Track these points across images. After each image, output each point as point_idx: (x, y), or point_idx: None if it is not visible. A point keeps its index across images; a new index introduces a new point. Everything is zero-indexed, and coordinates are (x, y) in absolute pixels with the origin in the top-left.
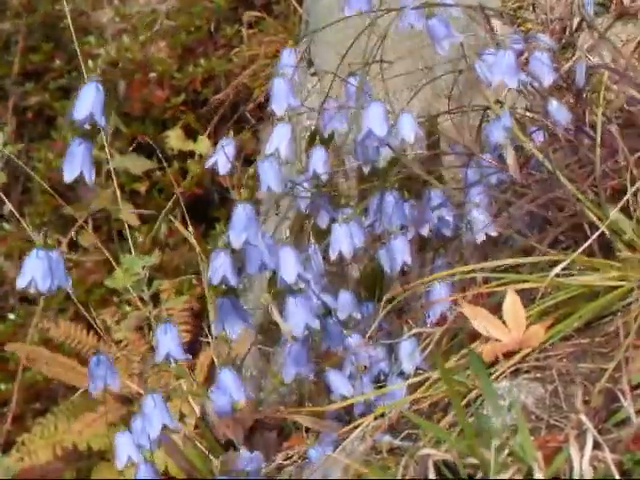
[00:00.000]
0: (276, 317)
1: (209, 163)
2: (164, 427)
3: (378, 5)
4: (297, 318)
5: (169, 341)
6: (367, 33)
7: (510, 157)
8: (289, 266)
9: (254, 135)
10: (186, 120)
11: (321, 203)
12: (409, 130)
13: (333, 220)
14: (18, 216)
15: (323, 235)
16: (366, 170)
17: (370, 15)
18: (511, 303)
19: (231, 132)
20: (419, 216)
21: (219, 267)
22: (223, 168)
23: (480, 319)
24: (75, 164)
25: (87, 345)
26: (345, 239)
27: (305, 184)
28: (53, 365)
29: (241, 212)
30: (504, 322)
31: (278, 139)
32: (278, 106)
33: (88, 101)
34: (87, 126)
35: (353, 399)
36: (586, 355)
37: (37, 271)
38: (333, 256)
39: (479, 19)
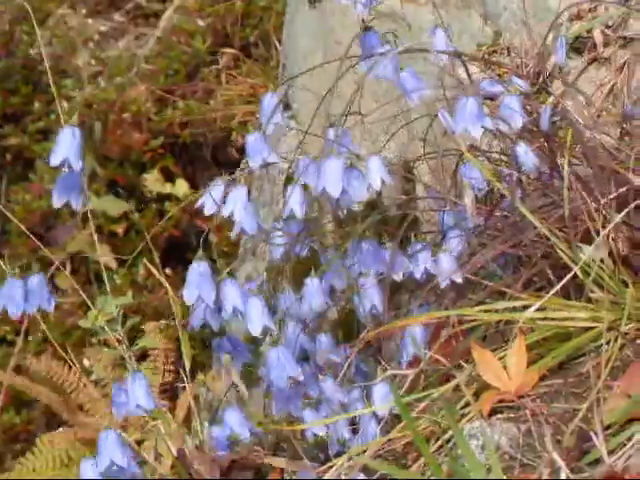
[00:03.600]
0: (235, 379)
1: (198, 203)
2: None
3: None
4: (281, 372)
5: (139, 391)
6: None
7: (468, 198)
8: (255, 318)
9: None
10: (164, 163)
11: (298, 249)
12: (376, 175)
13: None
14: None
15: (302, 277)
16: (342, 214)
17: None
18: (517, 349)
19: (222, 179)
20: (393, 261)
21: (197, 315)
22: (209, 209)
23: (486, 365)
24: (63, 191)
25: (68, 381)
26: (317, 294)
27: (281, 229)
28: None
29: (195, 269)
30: (505, 366)
31: (233, 202)
32: (253, 161)
33: (64, 146)
34: (65, 169)
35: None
36: (559, 395)
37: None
38: (305, 310)
39: (452, 66)
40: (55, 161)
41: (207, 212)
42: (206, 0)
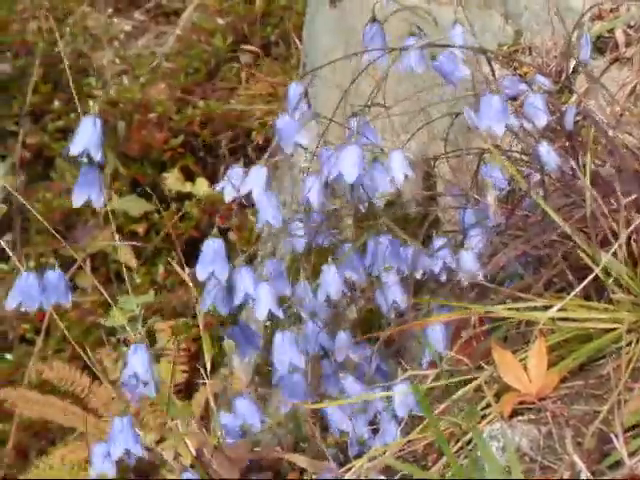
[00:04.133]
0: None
1: (217, 187)
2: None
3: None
4: (284, 356)
5: (137, 362)
6: (365, 75)
7: (490, 197)
8: (263, 303)
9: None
10: (184, 162)
11: (318, 240)
12: (399, 170)
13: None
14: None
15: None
16: (363, 209)
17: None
18: (537, 351)
19: (241, 161)
20: (414, 259)
21: (208, 296)
22: (229, 196)
23: (507, 366)
24: (83, 188)
25: (81, 386)
26: (334, 282)
27: (301, 222)
28: (45, 407)
29: (210, 246)
30: (525, 368)
31: (252, 181)
32: (286, 145)
33: (85, 136)
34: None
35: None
36: (580, 397)
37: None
38: (322, 298)
39: (477, 61)
40: (75, 150)
41: (227, 198)
42: None
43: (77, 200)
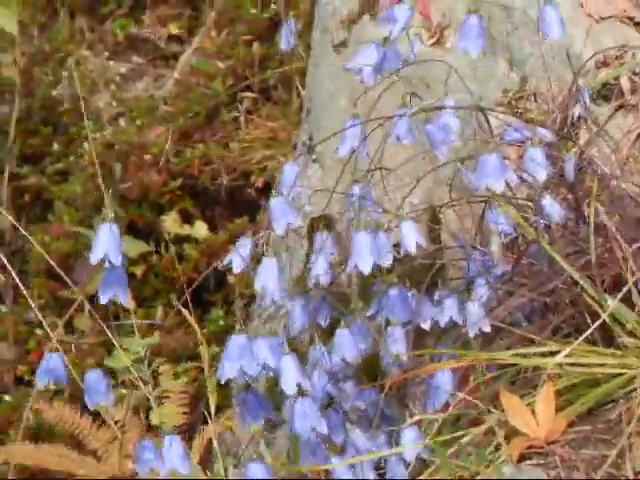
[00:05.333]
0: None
1: (225, 261)
2: None
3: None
4: (305, 421)
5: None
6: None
7: (495, 245)
8: (289, 377)
9: (251, 219)
10: (183, 204)
11: (323, 305)
12: (411, 240)
13: (336, 320)
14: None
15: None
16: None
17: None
18: (545, 397)
19: (250, 234)
20: (419, 309)
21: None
22: (237, 267)
23: (514, 411)
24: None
25: (80, 427)
26: (348, 344)
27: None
28: (40, 455)
29: (234, 343)
30: (533, 412)
31: (265, 274)
32: (278, 225)
33: (104, 242)
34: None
35: None
36: (588, 442)
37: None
38: (336, 360)
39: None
40: (95, 258)
41: (236, 270)
42: (225, 43)
43: (104, 299)
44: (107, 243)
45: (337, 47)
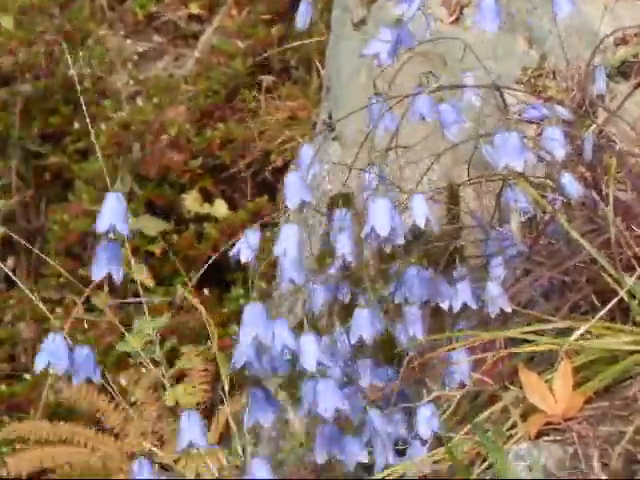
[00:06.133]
0: (291, 417)
1: (233, 251)
2: None
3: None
4: (328, 402)
5: (193, 429)
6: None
7: (514, 223)
8: (309, 355)
9: (271, 199)
10: (203, 183)
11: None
12: (421, 215)
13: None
14: (19, 282)
15: (346, 314)
16: (387, 249)
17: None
18: (563, 374)
19: (257, 225)
20: (438, 289)
21: (242, 353)
22: (245, 256)
23: (532, 387)
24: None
25: (97, 406)
26: (366, 324)
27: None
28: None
29: (250, 311)
30: (551, 389)
31: (286, 240)
32: (291, 202)
33: (110, 212)
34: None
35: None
36: (605, 418)
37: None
38: (353, 340)
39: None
40: (102, 227)
41: (243, 259)
42: (246, 22)
43: (97, 275)
44: (114, 213)
45: (357, 25)
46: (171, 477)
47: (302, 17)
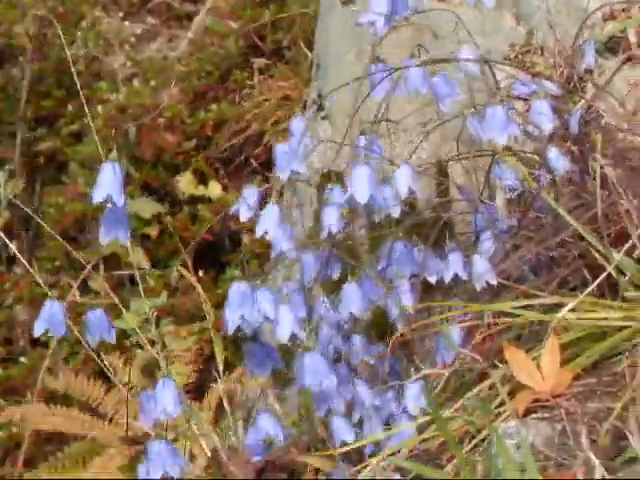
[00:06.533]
0: (270, 401)
1: (232, 210)
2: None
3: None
4: (313, 377)
5: (167, 396)
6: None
7: (499, 199)
8: (285, 325)
9: (265, 179)
10: (197, 165)
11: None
12: (403, 185)
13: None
14: (26, 262)
15: (334, 287)
16: (377, 219)
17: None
18: (550, 350)
19: (255, 180)
20: (426, 263)
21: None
22: (244, 216)
23: (519, 365)
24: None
25: (88, 393)
26: (356, 298)
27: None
28: (53, 418)
29: (236, 290)
30: (539, 367)
31: (268, 220)
32: (282, 172)
33: (106, 183)
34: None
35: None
36: (594, 395)
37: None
38: (344, 315)
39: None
40: (98, 197)
41: (242, 219)
42: (238, 3)
43: (104, 239)
44: (110, 183)
45: (345, 3)
46: None
47: None
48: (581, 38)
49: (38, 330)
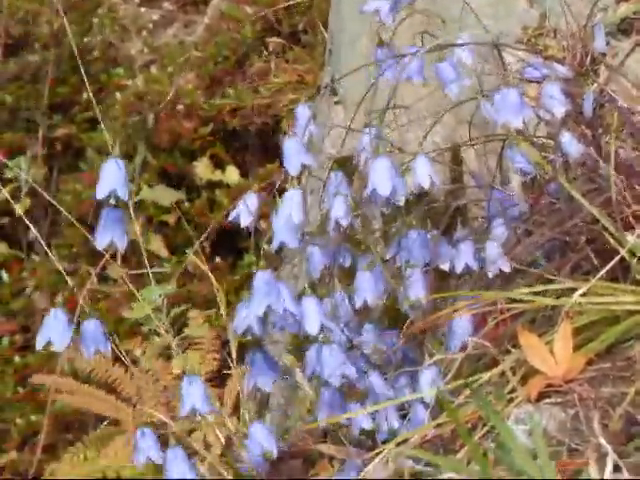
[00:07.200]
0: (299, 379)
1: (231, 217)
2: None
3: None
4: (332, 366)
5: (195, 394)
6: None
7: (515, 182)
8: (312, 318)
9: (281, 165)
10: (214, 150)
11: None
12: (424, 175)
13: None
14: (46, 248)
15: (347, 277)
16: (387, 210)
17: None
18: (563, 335)
19: (256, 189)
20: (438, 250)
21: (244, 318)
22: (245, 221)
23: (533, 350)
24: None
25: (113, 376)
26: (369, 287)
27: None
28: (81, 395)
29: (261, 279)
30: (552, 352)
31: (289, 205)
32: (291, 166)
33: (110, 178)
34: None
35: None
36: (607, 379)
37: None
38: (358, 304)
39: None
40: (102, 194)
41: (243, 224)
42: None
43: (101, 243)
44: (113, 179)
45: None
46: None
47: None
48: (593, 20)
49: (40, 342)
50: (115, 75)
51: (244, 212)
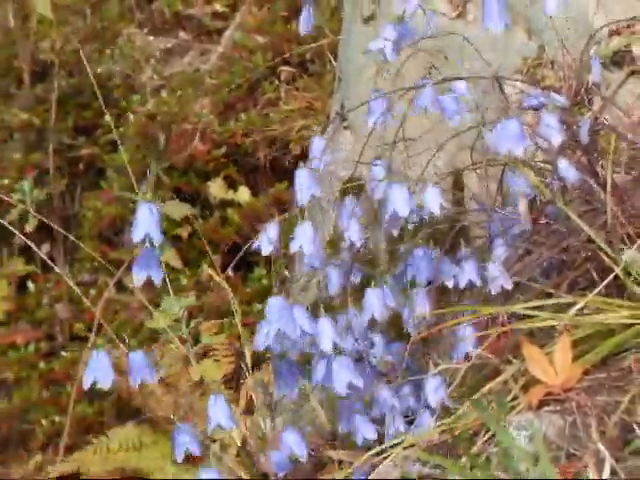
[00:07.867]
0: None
1: (254, 246)
2: None
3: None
4: (342, 377)
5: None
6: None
7: (522, 205)
8: (326, 337)
9: (290, 184)
10: (227, 171)
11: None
12: (435, 203)
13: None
14: (65, 263)
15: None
16: (395, 233)
17: None
18: (562, 347)
19: (276, 219)
20: (443, 269)
21: (265, 335)
22: (265, 250)
23: (534, 360)
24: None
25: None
26: (378, 304)
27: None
28: None
29: (274, 304)
30: (552, 363)
31: (301, 236)
32: (303, 197)
33: (144, 222)
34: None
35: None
36: (603, 389)
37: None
38: (366, 318)
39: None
40: (138, 237)
41: (264, 252)
42: (265, 19)
43: (138, 279)
44: (147, 223)
45: (366, 20)
46: None
47: (305, 22)
48: (588, 53)
49: (87, 382)
50: (135, 102)
51: (264, 241)
